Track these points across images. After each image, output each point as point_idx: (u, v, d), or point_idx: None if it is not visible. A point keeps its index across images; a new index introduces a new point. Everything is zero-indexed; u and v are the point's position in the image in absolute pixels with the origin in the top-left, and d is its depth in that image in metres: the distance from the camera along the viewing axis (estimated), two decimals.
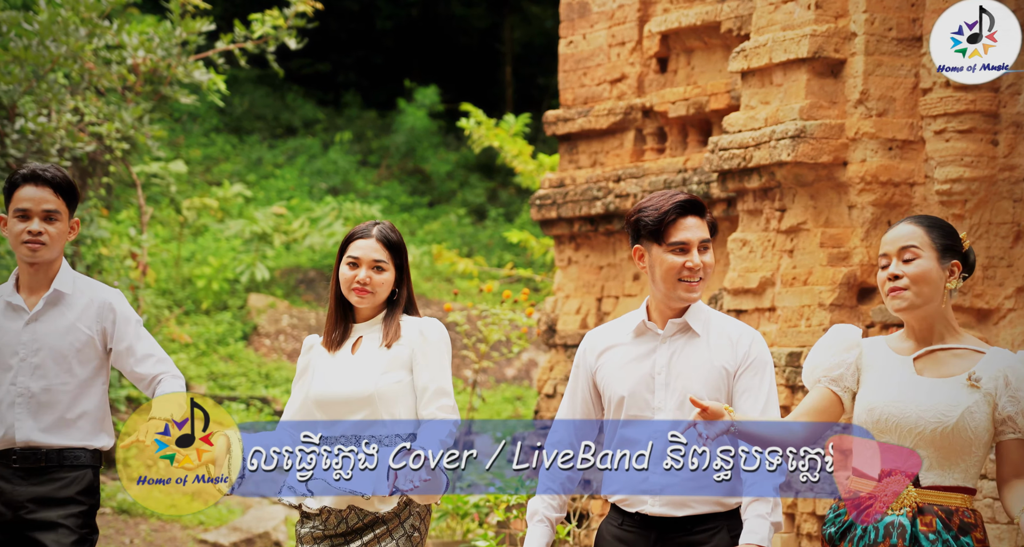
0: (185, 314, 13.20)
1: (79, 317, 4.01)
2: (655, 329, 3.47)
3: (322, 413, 3.70)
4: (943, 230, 3.22)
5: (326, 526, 3.69)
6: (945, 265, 3.20)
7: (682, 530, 3.40)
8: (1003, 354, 3.17)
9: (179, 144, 16.06)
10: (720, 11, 7.62)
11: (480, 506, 6.37)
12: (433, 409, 3.66)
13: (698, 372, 3.44)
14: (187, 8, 9.79)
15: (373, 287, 3.73)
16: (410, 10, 18.96)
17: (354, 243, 3.76)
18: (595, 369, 3.49)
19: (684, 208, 3.41)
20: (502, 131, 11.70)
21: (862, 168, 6.51)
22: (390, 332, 3.74)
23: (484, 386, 13.00)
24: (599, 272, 8.51)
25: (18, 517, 3.96)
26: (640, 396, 3.42)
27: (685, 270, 3.42)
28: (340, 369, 3.74)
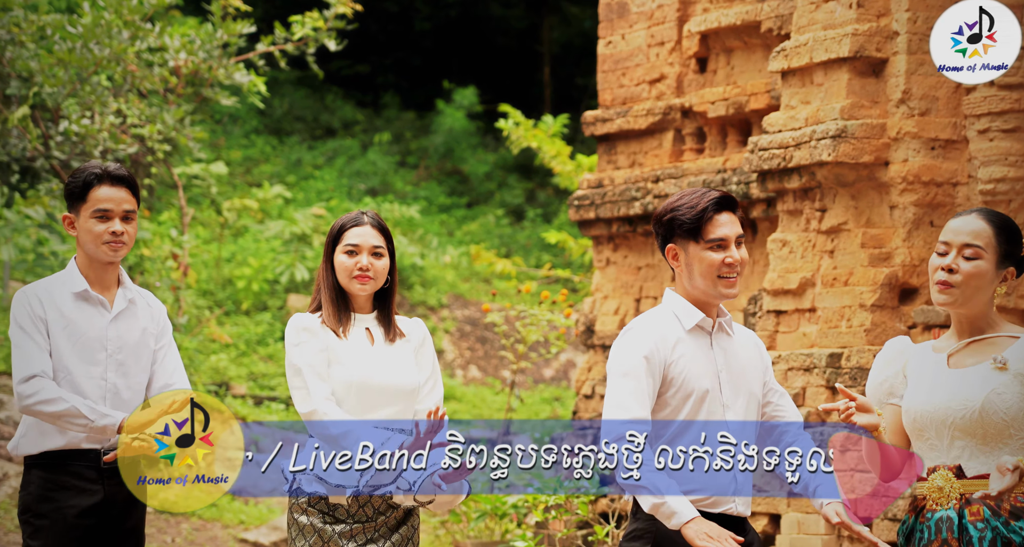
0: (225, 315, 13.30)
1: (148, 319, 4.07)
2: (708, 327, 3.45)
3: (359, 399, 3.68)
4: (1010, 234, 3.18)
5: (356, 518, 3.64)
6: (1001, 270, 3.17)
7: (741, 529, 3.40)
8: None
9: (220, 146, 16.18)
10: (760, 10, 7.58)
11: (518, 507, 6.37)
12: (430, 403, 3.69)
13: (748, 370, 3.46)
14: (228, 10, 9.87)
15: (375, 273, 3.75)
16: (449, 11, 18.99)
17: (350, 231, 3.76)
18: (671, 362, 3.40)
19: (720, 205, 3.41)
20: (540, 132, 11.70)
21: (904, 168, 6.45)
22: (392, 329, 3.76)
23: (522, 387, 13.00)
24: (637, 273, 8.48)
25: (108, 518, 3.94)
26: (716, 392, 3.40)
27: (724, 266, 3.40)
28: (376, 358, 3.73)
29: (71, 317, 4.01)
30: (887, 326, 6.50)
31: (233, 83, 9.83)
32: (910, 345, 3.33)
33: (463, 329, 13.95)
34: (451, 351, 13.64)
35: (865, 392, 3.41)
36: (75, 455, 3.95)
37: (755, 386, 3.44)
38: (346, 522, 3.66)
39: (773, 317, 6.95)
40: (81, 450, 3.95)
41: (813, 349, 6.66)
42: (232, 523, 9.55)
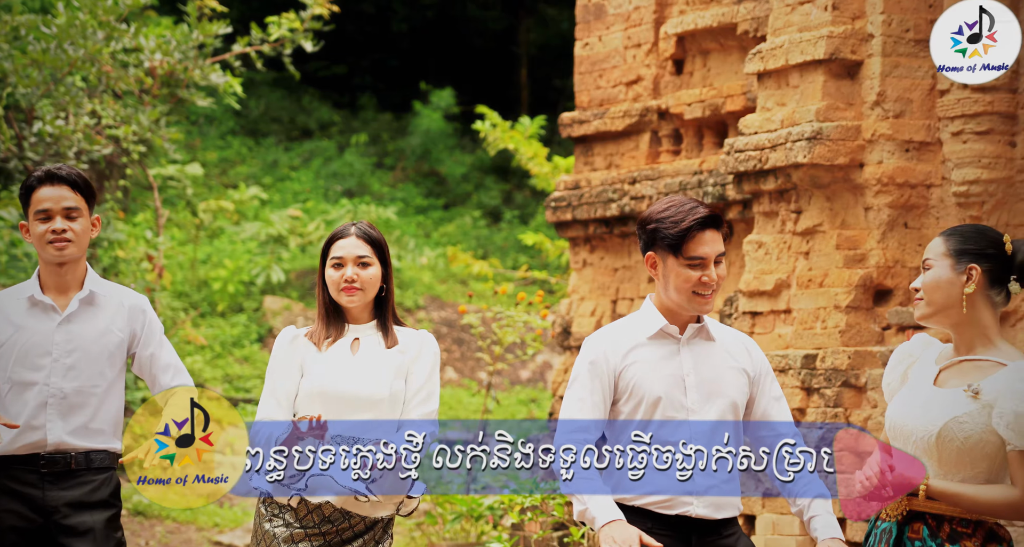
0: (201, 316, 13.24)
1: (112, 319, 4.00)
2: (675, 333, 3.47)
3: (323, 408, 3.66)
4: (963, 236, 3.16)
5: (303, 523, 3.62)
6: (960, 270, 3.14)
7: (716, 533, 3.40)
8: (1017, 366, 3.10)
9: (195, 147, 16.11)
10: (736, 13, 7.61)
11: (494, 508, 6.36)
12: (416, 414, 3.66)
13: (726, 375, 3.46)
14: (204, 11, 9.83)
15: (362, 283, 3.71)
16: (426, 12, 18.98)
17: (336, 244, 3.74)
18: (621, 368, 3.44)
19: (704, 223, 3.40)
20: (517, 133, 11.70)
21: (879, 170, 6.48)
22: (389, 335, 3.73)
23: (498, 388, 12.99)
24: (614, 274, 8.50)
25: (51, 523, 3.92)
26: (674, 397, 3.40)
27: (700, 284, 3.41)
28: (347, 367, 3.70)
29: (20, 324, 3.97)
30: (862, 327, 6.53)
31: (209, 84, 9.79)
32: (926, 345, 3.30)
33: (440, 331, 13.94)
34: None
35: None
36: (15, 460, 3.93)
37: (732, 390, 3.44)
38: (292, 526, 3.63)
39: (748, 318, 6.98)
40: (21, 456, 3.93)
41: (788, 350, 6.68)
42: (207, 526, 9.51)
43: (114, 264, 10.44)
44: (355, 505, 3.61)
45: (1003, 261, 3.15)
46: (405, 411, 3.68)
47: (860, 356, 6.41)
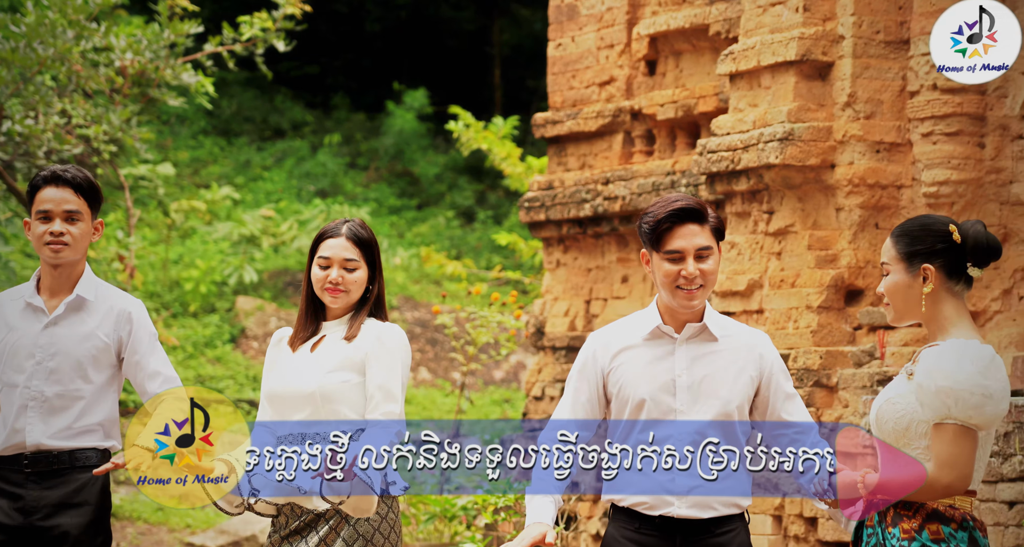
0: (172, 317, 13.17)
1: (99, 324, 3.98)
2: (671, 333, 3.45)
3: (272, 409, 3.69)
4: (910, 236, 3.16)
5: (283, 527, 3.69)
6: (914, 273, 3.15)
7: (706, 532, 3.39)
8: (946, 344, 3.14)
9: (167, 146, 16.03)
10: (708, 14, 7.64)
11: (468, 508, 6.36)
12: (377, 414, 3.63)
13: (723, 376, 3.43)
14: (175, 10, 9.78)
15: (346, 286, 3.70)
16: (399, 13, 18.95)
17: (324, 243, 3.72)
18: (609, 370, 3.45)
19: (679, 216, 3.38)
20: (491, 133, 11.70)
21: (850, 171, 6.52)
22: (351, 328, 3.71)
23: (472, 388, 12.99)
24: (587, 274, 8.51)
25: (31, 524, 3.91)
26: (661, 399, 3.40)
27: (681, 279, 3.39)
28: (294, 366, 3.72)
29: (14, 325, 3.97)
30: (833, 327, 6.57)
31: (180, 83, 9.74)
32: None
33: (413, 331, 13.92)
34: None
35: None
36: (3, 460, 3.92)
37: (727, 391, 3.40)
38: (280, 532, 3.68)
39: None
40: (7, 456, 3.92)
41: None
42: (178, 527, 9.46)
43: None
44: (304, 500, 3.63)
45: (955, 251, 3.16)
46: (369, 410, 3.65)
47: (832, 356, 6.45)
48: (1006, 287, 6.31)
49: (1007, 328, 6.27)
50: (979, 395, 3.02)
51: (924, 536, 3.05)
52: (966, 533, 3.06)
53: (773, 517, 6.61)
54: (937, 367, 3.06)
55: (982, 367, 3.05)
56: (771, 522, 6.61)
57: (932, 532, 3.06)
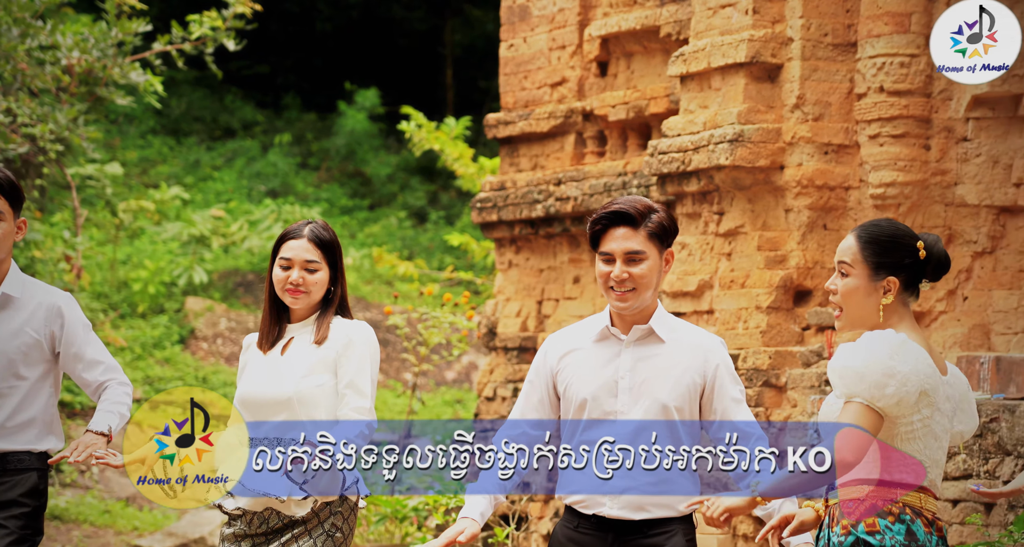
0: (121, 317, 13.03)
1: (27, 320, 3.95)
2: (618, 335, 3.48)
3: (247, 414, 3.68)
4: (880, 245, 3.16)
5: (249, 527, 3.68)
6: (877, 282, 3.16)
7: (639, 533, 3.42)
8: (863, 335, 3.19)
9: (115, 146, 15.85)
10: (659, 15, 7.67)
11: (419, 509, 6.35)
12: (347, 410, 3.65)
13: (665, 378, 3.45)
14: (123, 8, 9.67)
15: (307, 287, 3.71)
16: (350, 12, 18.87)
17: (286, 244, 3.73)
18: (556, 371, 3.50)
19: (611, 219, 3.42)
20: (443, 134, 11.69)
21: (798, 172, 6.58)
22: (320, 330, 3.71)
23: (424, 389, 12.97)
24: (540, 275, 8.52)
25: None
26: (602, 399, 3.43)
27: (611, 280, 3.43)
28: (266, 370, 3.72)
29: None
30: (782, 328, 6.63)
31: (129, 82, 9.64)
32: None
33: None
34: None
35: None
36: None
37: (665, 392, 3.43)
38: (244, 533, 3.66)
39: None
40: None
41: None
42: (125, 529, 9.36)
43: (31, 264, 10.24)
44: (281, 505, 3.62)
45: (918, 266, 3.19)
46: (339, 407, 3.67)
47: (780, 356, 6.50)
48: (950, 288, 6.40)
49: (952, 328, 6.35)
50: (881, 374, 3.04)
51: (860, 529, 3.09)
52: (903, 526, 3.09)
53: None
54: (842, 352, 3.10)
55: (890, 349, 3.07)
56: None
57: (868, 525, 3.09)
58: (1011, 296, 6.28)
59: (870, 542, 3.06)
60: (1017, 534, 4.68)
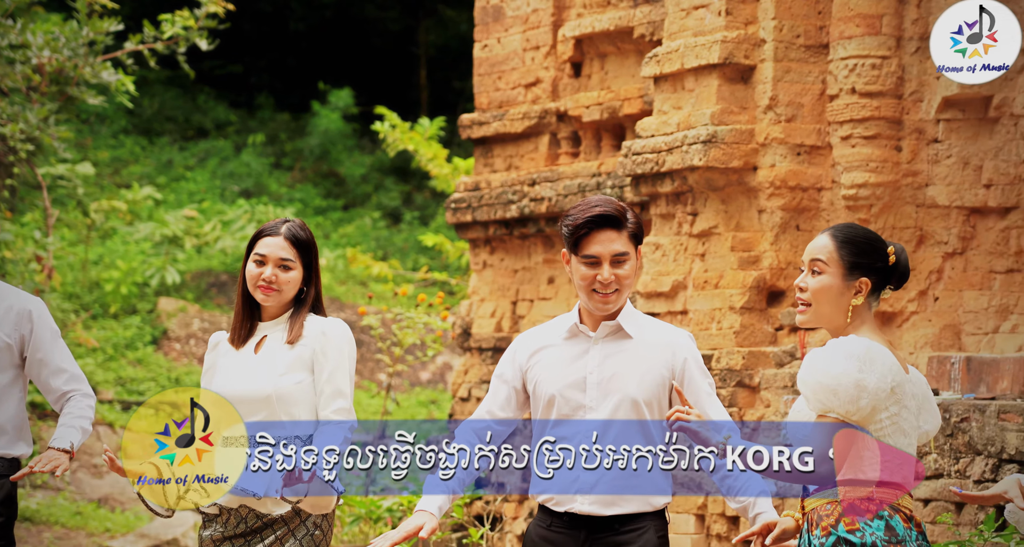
0: (92, 318, 12.95)
1: None
2: (587, 331, 3.50)
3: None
4: (856, 246, 3.20)
5: (226, 527, 3.65)
6: (851, 282, 3.19)
7: (610, 529, 3.43)
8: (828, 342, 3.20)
9: (86, 146, 15.75)
10: (633, 16, 7.69)
11: (393, 510, 6.34)
12: (328, 412, 3.64)
13: (633, 374, 3.47)
14: (94, 7, 9.61)
15: (279, 285, 3.69)
16: (324, 12, 18.82)
17: (262, 240, 3.72)
18: (526, 369, 3.51)
19: (597, 222, 3.43)
20: (417, 134, 11.67)
21: (771, 173, 6.61)
22: (294, 329, 3.70)
23: (398, 390, 12.95)
24: (514, 275, 8.53)
25: None
26: (571, 396, 3.44)
27: (597, 283, 3.45)
28: (242, 369, 3.70)
29: None
30: (755, 328, 6.65)
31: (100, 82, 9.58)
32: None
33: None
34: None
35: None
36: None
37: (635, 388, 3.45)
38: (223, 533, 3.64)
39: None
40: None
41: None
42: (97, 531, 9.31)
43: (1, 265, 10.16)
44: (257, 504, 3.60)
45: (886, 272, 3.24)
46: (321, 408, 3.67)
47: (754, 356, 6.53)
48: (922, 288, 6.44)
49: (923, 329, 6.40)
50: (854, 387, 3.08)
51: (840, 529, 3.11)
52: (882, 522, 3.12)
53: (696, 516, 6.68)
54: (814, 363, 3.13)
55: (856, 361, 3.11)
56: (694, 521, 6.67)
57: (847, 524, 3.11)
58: (981, 296, 6.33)
59: (851, 540, 3.09)
60: (987, 533, 4.71)
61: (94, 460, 10.42)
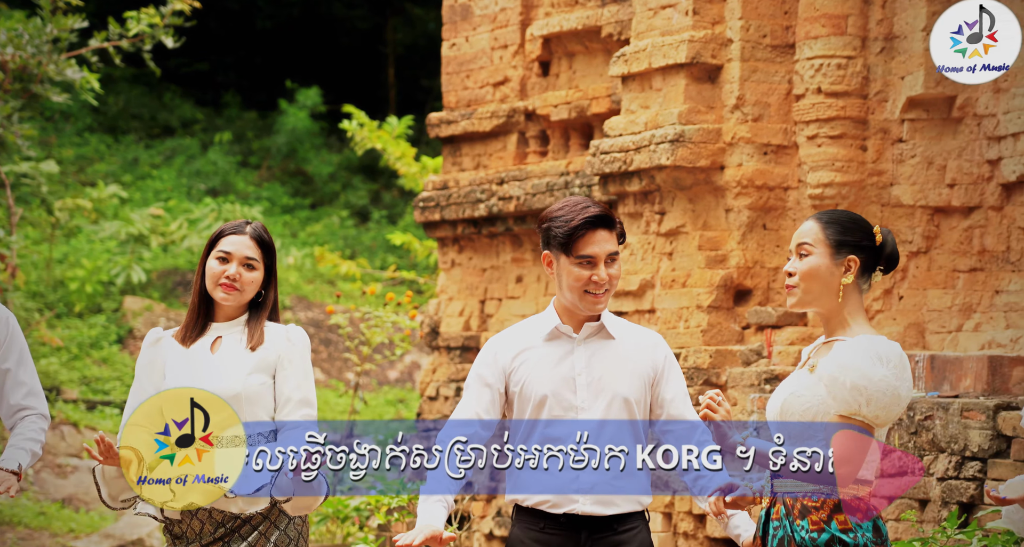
0: (57, 317, 12.84)
1: None
2: (569, 333, 3.50)
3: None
4: (841, 225, 3.22)
5: (201, 536, 3.61)
6: (839, 261, 3.20)
7: (609, 529, 3.43)
8: (852, 341, 3.19)
9: (51, 143, 15.61)
10: (601, 16, 7.71)
11: (361, 509, 6.32)
12: (297, 417, 3.63)
13: (621, 373, 3.48)
14: (58, 4, 9.53)
15: (242, 284, 3.66)
16: (291, 10, 18.74)
17: (226, 238, 3.69)
18: (510, 371, 3.48)
19: (593, 223, 3.44)
20: (385, 133, 11.65)
21: (738, 172, 6.64)
22: (255, 335, 3.67)
23: (366, 389, 12.92)
24: (482, 274, 8.52)
25: None
26: (562, 396, 3.44)
27: (591, 284, 3.45)
28: (201, 367, 3.66)
29: None
30: (723, 327, 6.68)
31: (65, 79, 9.50)
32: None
33: (307, 331, 13.78)
34: None
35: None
36: None
37: (624, 388, 3.46)
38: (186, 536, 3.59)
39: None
40: None
41: None
42: (61, 531, 9.23)
43: None
44: (225, 503, 3.57)
45: (874, 251, 3.24)
46: (286, 413, 3.64)
47: (721, 355, 6.56)
48: (887, 287, 6.50)
49: (888, 327, 6.45)
50: (890, 396, 3.10)
51: (833, 527, 3.12)
52: (871, 522, 3.14)
53: (663, 514, 6.70)
54: (852, 364, 3.11)
55: (893, 368, 3.12)
56: (661, 519, 6.70)
57: (840, 523, 3.12)
58: (945, 295, 6.39)
59: (845, 540, 3.10)
60: (950, 529, 4.75)
61: (58, 460, 10.34)
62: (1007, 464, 5.23)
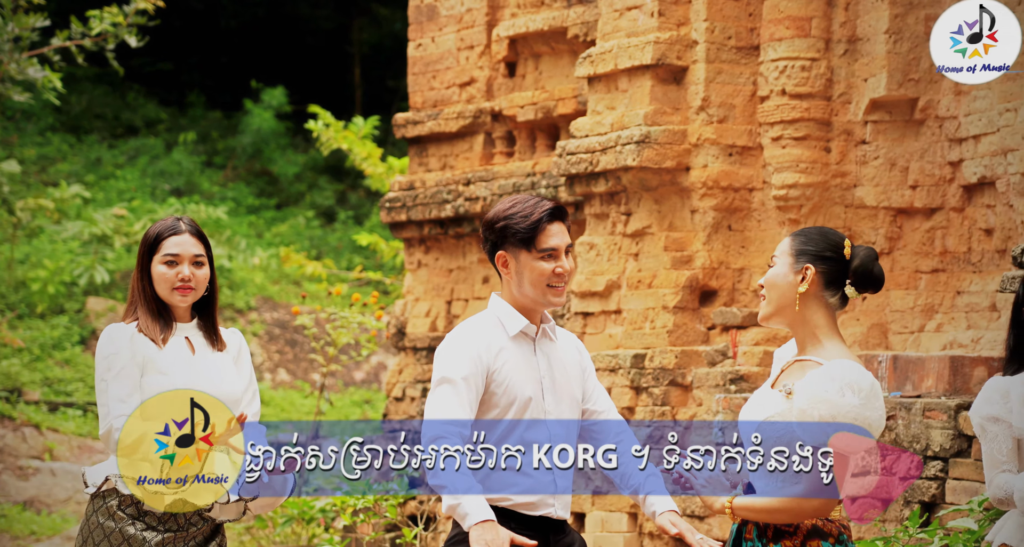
0: (18, 318, 12.71)
1: None
2: (532, 333, 3.50)
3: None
4: (806, 237, 3.25)
5: (167, 527, 3.58)
6: (796, 269, 3.22)
7: (562, 531, 3.46)
8: (828, 366, 3.19)
9: (12, 143, 15.46)
10: (567, 17, 7.72)
11: (326, 510, 6.30)
12: (250, 415, 3.63)
13: (569, 374, 3.51)
14: (20, 3, 9.44)
15: (196, 283, 3.64)
16: (256, 10, 18.65)
17: (168, 240, 3.63)
18: (494, 369, 3.44)
19: (552, 215, 3.46)
20: (351, 133, 11.61)
21: (704, 173, 6.67)
22: (219, 339, 3.67)
23: (332, 390, 12.88)
24: (449, 275, 8.52)
25: None
26: (538, 398, 3.45)
27: (554, 276, 3.45)
28: (199, 367, 3.64)
29: None
30: (688, 327, 6.71)
31: (26, 78, 9.41)
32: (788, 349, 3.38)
33: (272, 332, 13.72)
34: (260, 354, 13.39)
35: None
36: None
37: (576, 390, 3.50)
38: (157, 529, 3.55)
39: (580, 319, 7.09)
40: None
41: (618, 350, 6.81)
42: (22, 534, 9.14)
43: None
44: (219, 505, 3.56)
45: (839, 264, 3.24)
46: (242, 406, 3.66)
47: (687, 355, 6.59)
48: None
49: (851, 327, 6.50)
50: (861, 428, 3.12)
51: None
52: (842, 545, 3.17)
53: (629, 515, 6.72)
54: (822, 397, 3.13)
55: (863, 398, 3.13)
56: (627, 519, 6.72)
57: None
58: (907, 296, 6.45)
59: None
60: (912, 529, 4.80)
61: (19, 462, 10.23)
62: (968, 463, 5.28)
